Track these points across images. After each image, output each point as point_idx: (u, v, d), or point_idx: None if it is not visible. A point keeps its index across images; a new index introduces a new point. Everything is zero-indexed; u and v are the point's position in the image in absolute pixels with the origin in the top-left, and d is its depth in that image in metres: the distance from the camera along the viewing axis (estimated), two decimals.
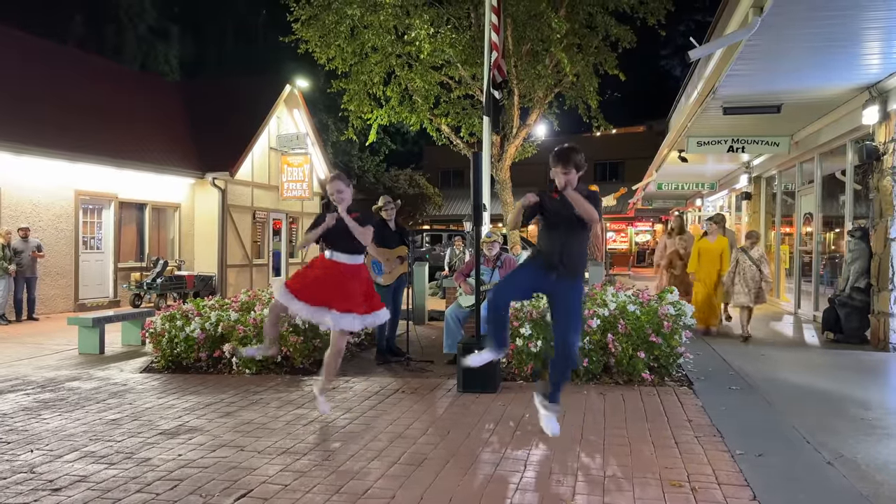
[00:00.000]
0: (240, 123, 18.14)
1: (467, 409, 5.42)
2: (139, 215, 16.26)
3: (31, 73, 14.78)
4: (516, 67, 13.58)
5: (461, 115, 15.11)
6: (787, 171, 13.04)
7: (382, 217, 7.53)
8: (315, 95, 25.95)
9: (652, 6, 13.37)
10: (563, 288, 4.33)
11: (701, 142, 11.41)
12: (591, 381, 6.22)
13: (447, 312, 7.53)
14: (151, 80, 21.73)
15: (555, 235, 4.40)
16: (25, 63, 14.92)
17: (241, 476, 3.93)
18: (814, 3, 5.80)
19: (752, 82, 8.28)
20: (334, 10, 13.13)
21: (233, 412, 5.41)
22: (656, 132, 31.50)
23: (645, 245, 35.74)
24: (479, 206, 6.36)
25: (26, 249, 12.16)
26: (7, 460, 4.25)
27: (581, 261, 4.42)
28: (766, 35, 6.28)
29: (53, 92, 14.88)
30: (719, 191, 19.46)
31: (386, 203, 7.57)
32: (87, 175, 14.33)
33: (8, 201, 12.76)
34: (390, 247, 7.50)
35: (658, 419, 5.02)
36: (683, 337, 6.33)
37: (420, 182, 33.06)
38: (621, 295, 6.68)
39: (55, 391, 6.25)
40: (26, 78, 14.49)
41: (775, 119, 9.93)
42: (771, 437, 4.60)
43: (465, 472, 3.95)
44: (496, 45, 9.75)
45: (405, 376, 6.75)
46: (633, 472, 3.90)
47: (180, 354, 7.18)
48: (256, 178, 18.87)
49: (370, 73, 13.84)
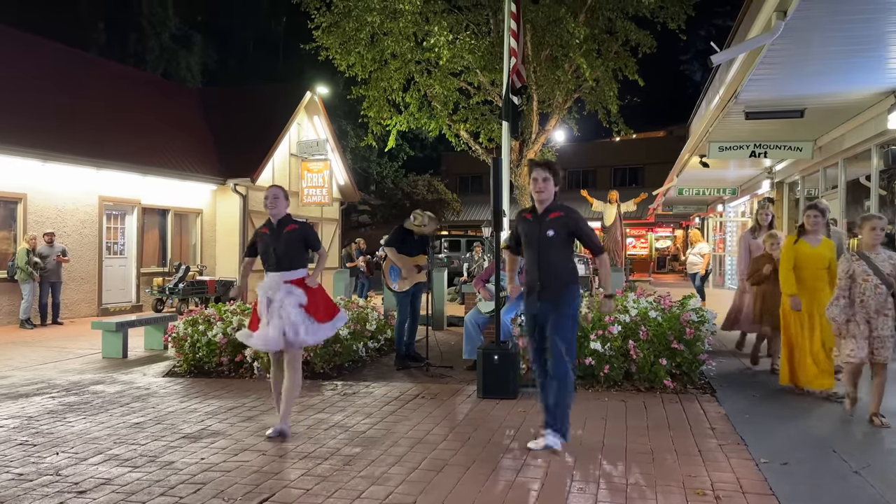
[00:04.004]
0: (261, 130, 18.29)
1: (487, 414, 5.41)
2: (162, 221, 16.45)
3: (55, 81, 15.01)
4: (535, 73, 13.57)
5: (480, 121, 15.12)
6: (811, 177, 12.88)
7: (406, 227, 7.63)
8: (334, 102, 26.12)
9: (672, 11, 13.29)
10: (548, 307, 4.39)
11: (723, 147, 11.31)
12: (611, 387, 6.18)
13: (467, 318, 7.53)
14: (173, 87, 22.01)
15: (532, 257, 4.49)
16: (50, 71, 15.16)
17: (263, 480, 3.95)
18: (837, 6, 5.74)
19: (775, 87, 8.20)
20: (354, 18, 13.21)
21: (254, 416, 5.44)
22: (677, 137, 31.27)
23: (665, 251, 35.47)
24: (499, 212, 6.36)
25: (51, 254, 12.34)
26: (33, 463, 4.31)
27: (564, 277, 4.41)
28: (789, 39, 6.22)
29: (78, 100, 15.10)
30: (741, 196, 19.28)
31: (430, 220, 7.63)
32: (110, 181, 14.53)
33: (34, 207, 12.97)
34: (411, 254, 7.55)
35: (680, 427, 4.98)
36: (706, 344, 6.28)
37: (438, 188, 33.14)
38: (643, 301, 6.64)
39: (80, 395, 6.33)
40: (51, 86, 14.72)
41: (798, 124, 9.82)
42: (795, 445, 4.54)
43: (486, 479, 3.94)
44: (515, 51, 9.75)
45: (425, 382, 6.75)
46: (656, 481, 3.87)
47: (202, 359, 7.24)
48: (277, 184, 18.99)
49: (390, 79, 13.91)
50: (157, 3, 30.84)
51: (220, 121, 19.07)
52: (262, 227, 5.09)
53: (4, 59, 14.05)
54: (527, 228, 4.51)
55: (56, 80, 15.08)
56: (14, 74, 13.90)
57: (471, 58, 12.89)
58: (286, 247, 4.90)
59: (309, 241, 5.05)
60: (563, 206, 4.47)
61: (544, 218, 4.43)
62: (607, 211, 14.41)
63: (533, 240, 4.44)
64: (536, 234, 4.42)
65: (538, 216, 4.46)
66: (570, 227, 4.39)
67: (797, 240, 5.85)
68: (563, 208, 4.46)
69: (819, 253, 5.76)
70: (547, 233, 4.36)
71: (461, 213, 35.02)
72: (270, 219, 5.04)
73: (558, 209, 4.44)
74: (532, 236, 4.45)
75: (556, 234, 4.36)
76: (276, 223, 5.00)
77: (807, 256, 5.77)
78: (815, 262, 5.75)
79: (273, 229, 4.99)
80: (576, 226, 4.41)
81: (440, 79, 13.58)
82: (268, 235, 4.99)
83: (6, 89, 13.28)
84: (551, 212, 4.44)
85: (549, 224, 4.39)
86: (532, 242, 4.46)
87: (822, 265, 5.74)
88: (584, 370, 6.18)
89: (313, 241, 5.11)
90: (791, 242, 5.90)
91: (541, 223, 4.42)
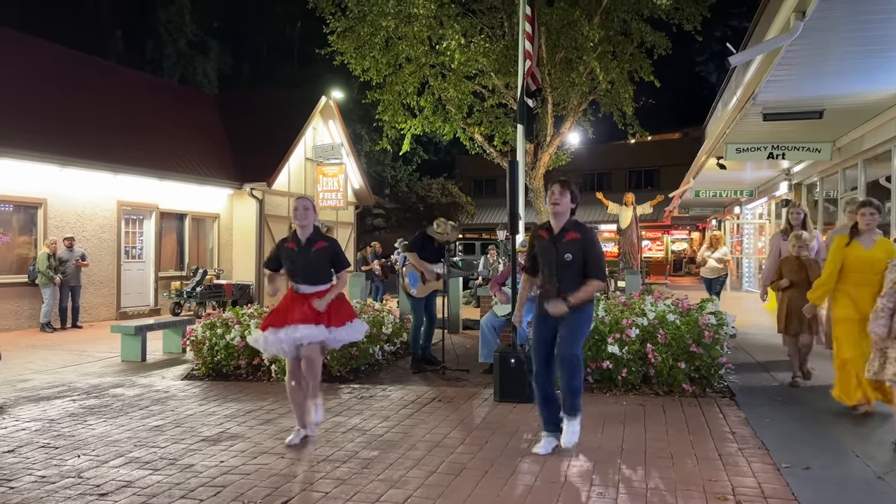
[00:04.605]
0: (276, 134, 18.41)
1: (505, 418, 5.40)
2: (179, 225, 16.58)
3: (74, 88, 15.19)
4: (550, 75, 13.56)
5: (494, 124, 15.14)
6: (830, 178, 12.75)
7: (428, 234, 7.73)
8: (349, 106, 26.25)
9: (688, 12, 13.24)
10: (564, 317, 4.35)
11: (740, 148, 11.23)
12: (629, 391, 6.14)
13: (482, 321, 7.52)
14: (190, 93, 22.22)
15: (550, 276, 4.45)
16: (68, 78, 15.35)
17: (282, 483, 3.96)
18: (857, 6, 5.68)
19: (794, 88, 8.12)
20: (369, 22, 13.28)
21: (273, 419, 5.46)
22: (692, 139, 31.09)
23: (681, 253, 35.24)
24: (515, 215, 6.36)
25: (71, 259, 12.48)
26: (55, 465, 4.35)
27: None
28: (808, 40, 6.17)
29: (96, 105, 15.28)
30: (758, 198, 19.13)
31: (452, 230, 7.73)
32: (129, 186, 14.67)
33: (53, 212, 13.13)
34: (429, 261, 7.70)
35: (700, 431, 4.94)
36: (725, 347, 6.23)
37: (453, 191, 33.18)
38: (660, 304, 6.60)
39: (100, 398, 6.39)
40: (70, 93, 14.90)
41: (817, 125, 9.73)
42: (817, 449, 4.49)
43: (504, 483, 3.93)
44: (530, 54, 9.75)
45: (441, 385, 6.75)
46: (677, 485, 3.84)
47: (220, 362, 7.29)
48: (293, 189, 19.11)
49: (404, 83, 13.97)
50: (175, 10, 31.14)
51: (236, 126, 19.22)
52: (288, 241, 4.84)
53: (26, 68, 14.24)
54: (544, 247, 4.47)
55: (75, 86, 15.25)
56: (34, 82, 14.08)
57: (485, 61, 12.91)
58: (313, 265, 4.73)
59: (336, 260, 4.86)
60: (579, 227, 4.41)
61: (560, 239, 4.38)
62: (623, 213, 14.36)
63: (551, 261, 4.41)
64: (554, 256, 4.38)
65: (554, 236, 4.41)
66: (584, 250, 4.33)
67: (850, 241, 5.22)
68: (579, 229, 4.39)
69: (873, 256, 5.10)
70: (565, 256, 4.33)
71: (475, 216, 35.02)
72: (297, 232, 4.79)
73: (574, 229, 4.38)
74: (549, 257, 4.42)
75: (573, 258, 4.32)
76: (304, 240, 4.77)
77: (859, 260, 5.15)
78: (867, 266, 5.11)
79: (300, 246, 4.77)
80: (589, 249, 4.35)
81: (454, 82, 13.61)
82: (294, 252, 4.77)
83: (28, 96, 13.46)
84: (567, 232, 4.37)
85: (566, 246, 4.34)
86: (550, 263, 4.43)
87: (877, 269, 4.94)
88: (601, 374, 6.16)
89: (340, 261, 4.89)
90: (842, 244, 5.26)
91: (556, 244, 4.38)
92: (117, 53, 29.06)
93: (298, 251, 4.77)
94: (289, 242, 4.84)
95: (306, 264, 4.72)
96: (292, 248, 4.80)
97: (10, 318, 12.27)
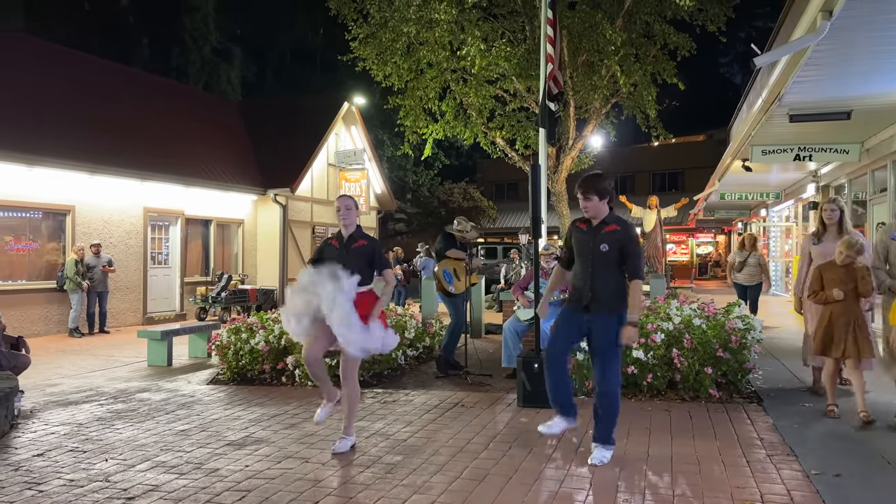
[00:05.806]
0: (299, 141, 18.56)
1: (528, 423, 5.36)
2: (204, 231, 16.77)
3: (101, 96, 15.45)
4: (572, 78, 13.50)
5: (516, 128, 15.11)
6: (858, 180, 12.53)
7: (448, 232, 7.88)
8: (371, 112, 26.39)
9: (711, 13, 13.12)
10: (598, 325, 4.28)
11: (766, 150, 11.07)
12: (655, 396, 6.08)
13: (505, 326, 7.49)
14: (214, 100, 22.48)
15: (584, 268, 4.39)
16: (97, 86, 15.62)
17: (306, 488, 3.98)
18: (884, 6, 5.57)
19: (820, 88, 8.00)
20: (391, 28, 13.33)
21: (297, 424, 5.49)
22: (717, 141, 30.78)
23: (707, 257, 34.86)
24: (538, 219, 6.33)
25: (98, 265, 12.67)
26: (84, 469, 4.41)
27: (615, 295, 4.29)
28: (834, 39, 6.07)
29: (123, 114, 15.51)
30: (785, 200, 18.85)
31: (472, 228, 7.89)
32: (155, 193, 14.87)
33: (81, 219, 13.34)
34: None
35: (727, 437, 4.87)
36: (753, 353, 6.14)
37: (474, 195, 33.19)
38: (686, 308, 6.52)
39: (127, 402, 6.47)
40: (97, 100, 15.15)
41: (844, 126, 9.56)
42: (848, 456, 4.40)
43: (528, 489, 3.90)
44: (552, 57, 9.71)
45: (464, 390, 6.73)
46: (704, 492, 3.79)
47: (245, 366, 7.34)
48: (316, 194, 19.24)
49: (425, 88, 14.00)
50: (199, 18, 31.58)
51: (259, 132, 19.41)
52: (332, 238, 4.92)
53: (55, 76, 14.53)
54: (580, 238, 4.41)
55: (102, 94, 15.52)
56: (64, 90, 14.35)
57: (506, 65, 12.90)
58: (352, 263, 4.70)
59: (375, 259, 4.80)
60: (619, 220, 4.35)
61: (599, 230, 4.32)
62: (647, 217, 14.23)
63: (586, 251, 4.35)
64: (590, 247, 4.32)
65: (593, 228, 4.36)
66: (622, 243, 4.26)
67: None
68: (619, 222, 4.34)
69: None
70: (601, 246, 4.26)
71: (497, 221, 34.98)
72: (341, 231, 4.85)
73: (615, 222, 4.33)
74: (585, 247, 4.36)
75: (609, 248, 4.25)
76: (346, 237, 4.82)
77: None
78: None
79: (342, 243, 4.81)
80: (627, 244, 4.27)
81: (475, 87, 13.61)
82: (336, 249, 4.81)
83: (58, 104, 13.72)
84: (607, 224, 4.32)
85: (604, 237, 4.28)
86: (585, 253, 4.36)
87: None
88: (627, 379, 6.09)
89: (380, 260, 4.83)
90: None
91: (595, 235, 4.32)
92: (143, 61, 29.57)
93: (340, 248, 4.82)
94: (332, 240, 4.92)
95: (347, 262, 4.75)
96: (335, 246, 4.86)
97: (40, 323, 12.48)
